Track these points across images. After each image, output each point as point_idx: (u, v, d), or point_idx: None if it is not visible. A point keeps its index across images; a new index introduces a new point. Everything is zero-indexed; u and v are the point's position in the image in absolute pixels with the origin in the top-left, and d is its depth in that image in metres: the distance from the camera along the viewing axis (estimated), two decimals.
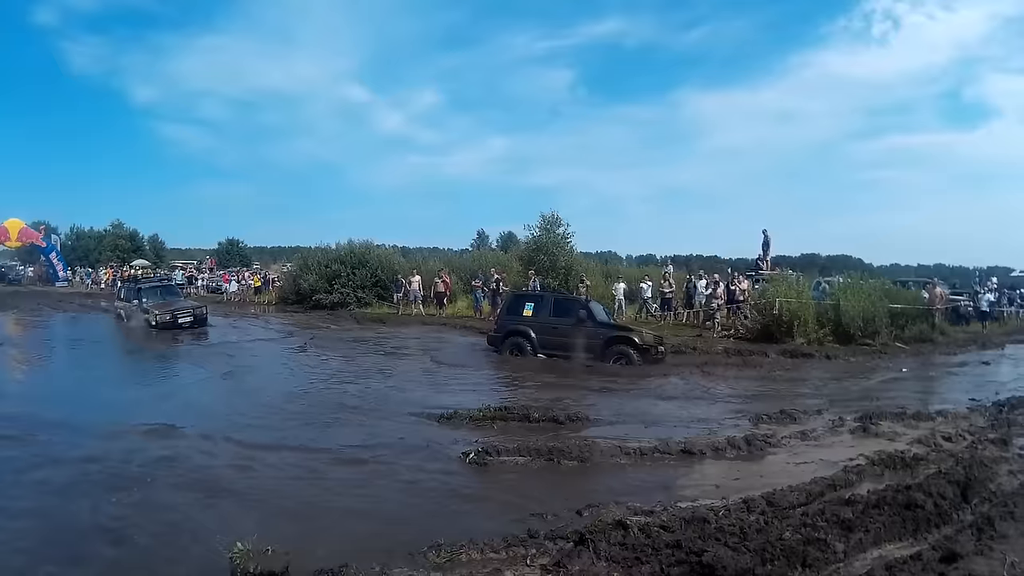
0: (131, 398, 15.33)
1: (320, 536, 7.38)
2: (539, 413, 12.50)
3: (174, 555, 7.02)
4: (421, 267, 37.76)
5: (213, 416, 12.84)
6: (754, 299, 25.50)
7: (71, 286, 57.27)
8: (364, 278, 37.81)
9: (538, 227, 32.91)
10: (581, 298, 22.79)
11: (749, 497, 7.76)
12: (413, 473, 9.76)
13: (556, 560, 6.33)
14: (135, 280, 38.81)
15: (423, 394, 15.42)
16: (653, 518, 7.12)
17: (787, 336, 22.89)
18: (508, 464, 9.88)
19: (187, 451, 10.55)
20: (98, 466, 9.78)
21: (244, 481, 9.39)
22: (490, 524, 7.53)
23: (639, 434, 11.35)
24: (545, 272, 30.88)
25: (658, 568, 6.03)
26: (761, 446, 10.55)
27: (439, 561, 6.47)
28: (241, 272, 52.95)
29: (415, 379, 17.87)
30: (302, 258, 43.39)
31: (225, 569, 6.44)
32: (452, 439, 11.30)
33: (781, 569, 5.97)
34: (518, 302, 22.05)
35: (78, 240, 75.13)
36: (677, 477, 9.25)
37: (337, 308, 36.79)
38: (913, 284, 28.77)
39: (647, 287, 30.23)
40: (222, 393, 15.67)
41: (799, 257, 61.57)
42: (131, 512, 8.06)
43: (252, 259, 76.46)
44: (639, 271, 36.65)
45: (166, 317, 28.75)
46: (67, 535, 7.51)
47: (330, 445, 11.29)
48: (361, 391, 15.92)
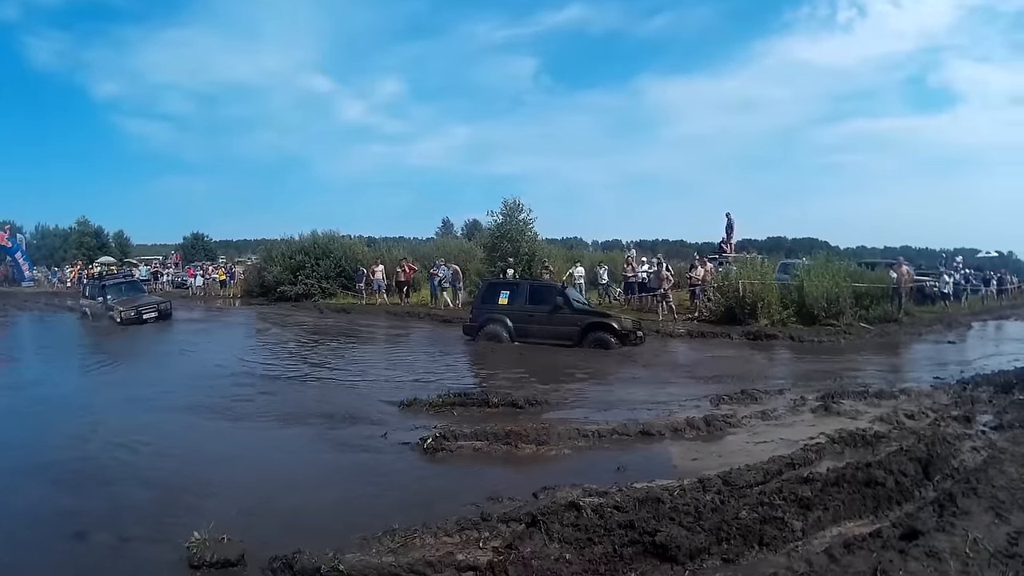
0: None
1: (275, 523, 7.37)
2: (498, 398, 12.53)
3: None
4: (385, 256, 37.78)
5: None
6: (717, 282, 25.43)
7: (37, 285, 56.86)
8: (328, 268, 37.89)
9: (500, 213, 32.72)
10: (557, 285, 22.68)
11: (705, 476, 7.72)
12: (369, 459, 9.81)
13: (508, 542, 6.31)
14: (100, 278, 38.16)
15: (385, 382, 15.44)
16: (607, 499, 7.08)
17: (751, 318, 22.98)
18: (465, 449, 9.86)
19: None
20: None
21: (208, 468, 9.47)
22: (445, 509, 7.48)
23: (598, 417, 11.36)
24: (507, 258, 30.69)
25: (611, 548, 6.03)
26: (721, 426, 10.54)
27: (393, 546, 6.44)
28: (206, 266, 52.59)
29: (378, 367, 17.85)
30: (266, 250, 43.35)
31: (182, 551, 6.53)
32: (411, 425, 11.33)
33: (737, 548, 5.98)
34: (493, 290, 21.92)
35: (44, 239, 74.74)
36: (634, 458, 9.18)
37: (301, 299, 36.94)
38: (878, 266, 28.88)
39: (603, 271, 30.25)
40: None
41: (765, 240, 61.90)
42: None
43: (218, 253, 76.08)
44: (599, 256, 36.55)
45: (131, 314, 29.05)
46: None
47: (286, 432, 11.35)
48: (323, 380, 15.95)
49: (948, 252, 39.43)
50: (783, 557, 5.90)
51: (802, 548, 6.04)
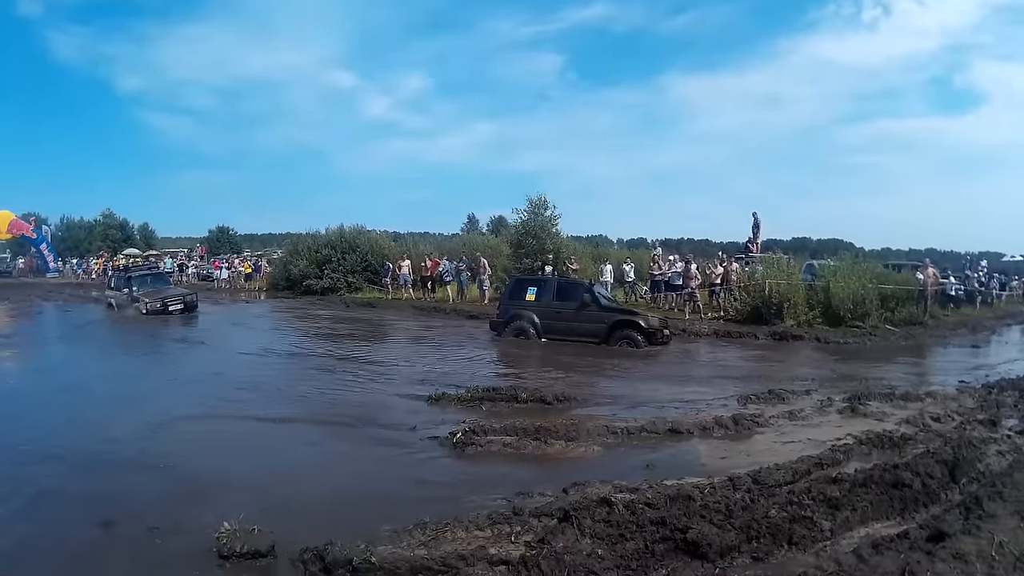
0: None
1: (302, 515, 7.36)
2: (527, 394, 12.48)
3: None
4: (411, 251, 37.54)
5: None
6: (744, 281, 25.33)
7: (62, 276, 57.15)
8: (354, 263, 37.85)
9: (525, 210, 32.64)
10: (585, 282, 22.53)
11: (735, 475, 7.73)
12: (399, 453, 9.79)
13: (540, 537, 6.29)
14: (125, 269, 38.80)
15: (412, 376, 15.38)
16: (638, 495, 7.08)
17: (776, 318, 22.84)
18: (495, 444, 9.82)
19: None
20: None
21: (237, 460, 9.45)
22: (475, 503, 7.51)
23: (627, 414, 11.38)
24: (533, 255, 30.73)
25: (643, 545, 6.02)
26: (749, 425, 10.54)
27: (424, 539, 6.42)
28: (231, 259, 52.76)
29: (406, 361, 17.86)
30: (292, 244, 43.44)
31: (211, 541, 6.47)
32: (439, 419, 11.31)
33: (767, 546, 5.98)
34: (521, 286, 21.80)
35: (68, 231, 74.82)
36: (663, 456, 9.19)
37: (327, 293, 36.88)
38: (904, 267, 28.66)
39: (629, 269, 30.00)
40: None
41: (790, 241, 61.64)
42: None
43: (243, 246, 75.91)
44: (625, 254, 36.40)
45: (156, 305, 28.88)
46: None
47: (316, 425, 11.33)
48: (352, 373, 15.93)
49: (972, 255, 39.05)
50: (812, 556, 5.90)
51: (830, 548, 6.04)
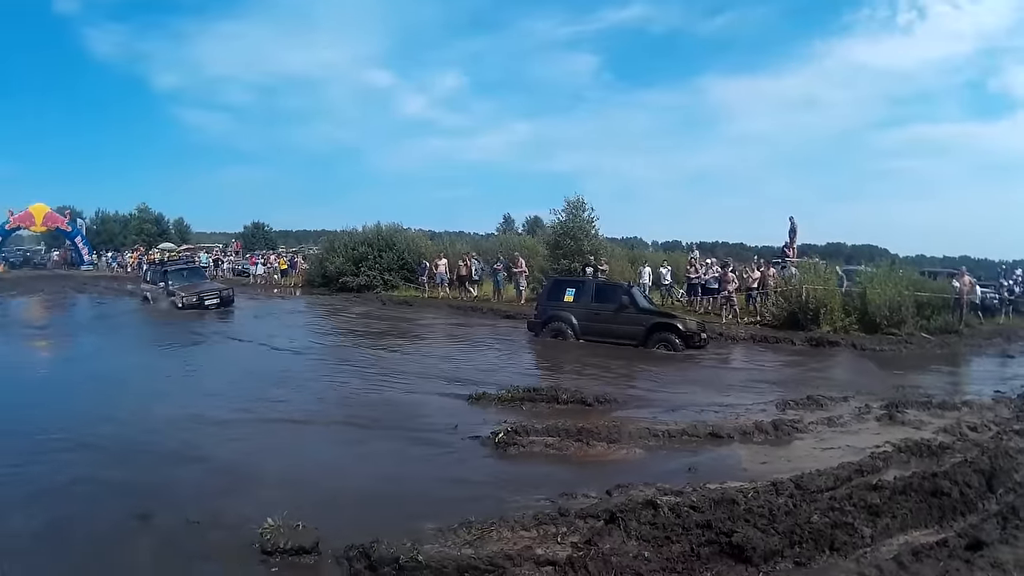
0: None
1: (347, 511, 7.44)
2: (567, 395, 12.52)
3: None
4: (448, 250, 37.56)
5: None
6: (780, 286, 25.16)
7: (96, 269, 57.96)
8: (391, 261, 37.72)
9: (563, 211, 32.35)
10: (624, 284, 22.45)
11: (778, 480, 7.78)
12: (441, 452, 9.88)
13: (587, 538, 6.33)
14: (162, 263, 38.94)
15: (451, 375, 15.48)
16: (683, 498, 7.14)
17: (813, 324, 22.67)
18: (537, 444, 9.85)
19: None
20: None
21: (277, 457, 9.52)
22: (519, 503, 7.55)
23: (667, 417, 11.44)
24: (571, 256, 30.51)
25: (688, 548, 6.07)
26: (788, 431, 10.58)
27: (469, 538, 6.47)
28: (267, 255, 53.10)
29: (444, 360, 17.90)
30: (328, 241, 43.42)
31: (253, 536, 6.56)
32: (480, 419, 11.43)
33: (809, 552, 6.03)
34: (559, 287, 21.73)
35: (103, 224, 75.35)
36: (704, 460, 9.26)
37: (363, 291, 36.81)
38: (940, 275, 28.39)
39: (666, 272, 29.91)
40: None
41: (825, 246, 61.30)
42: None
43: (278, 242, 75.99)
44: (662, 256, 36.26)
45: (192, 299, 29.07)
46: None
47: (358, 423, 11.41)
48: (391, 371, 15.99)
49: (1007, 263, 38.56)
50: (853, 563, 5.96)
51: (871, 554, 6.09)
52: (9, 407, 12.36)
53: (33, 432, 10.51)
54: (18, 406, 12.47)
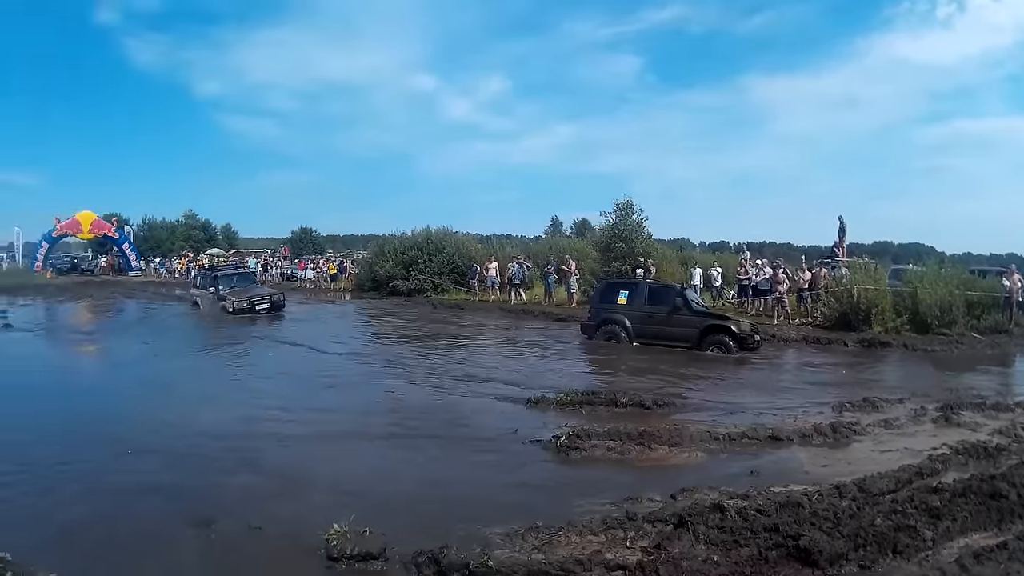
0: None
1: (411, 517, 7.42)
2: (626, 398, 12.54)
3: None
4: (498, 253, 37.49)
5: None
6: (831, 286, 24.89)
7: (144, 275, 58.96)
8: (441, 264, 37.85)
9: (613, 214, 32.39)
10: (677, 286, 22.55)
11: (841, 483, 7.75)
12: (503, 456, 9.88)
13: (656, 542, 6.35)
14: (211, 268, 39.42)
15: (506, 378, 15.55)
16: (749, 502, 7.17)
17: (864, 324, 22.46)
18: (599, 448, 9.87)
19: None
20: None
21: (333, 462, 9.62)
22: (584, 507, 7.55)
23: (726, 420, 11.42)
24: (622, 259, 30.48)
25: (756, 551, 6.11)
26: (846, 433, 10.54)
27: (537, 543, 6.48)
28: (316, 260, 53.38)
29: (498, 363, 18.02)
30: (378, 245, 43.63)
31: (318, 542, 6.59)
32: (541, 423, 11.44)
33: (873, 555, 6.04)
34: (612, 289, 21.67)
35: (150, 231, 76.15)
36: (765, 463, 9.27)
37: (414, 294, 36.88)
38: (989, 273, 28.02)
39: (717, 274, 29.85)
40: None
41: (872, 244, 60.58)
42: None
43: (325, 247, 76.55)
44: (712, 258, 36.06)
45: (243, 304, 29.33)
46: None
47: (415, 428, 11.46)
48: (446, 374, 16.10)
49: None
50: (915, 566, 5.95)
51: (932, 557, 6.08)
52: (64, 412, 12.60)
53: (88, 437, 10.76)
54: (71, 411, 12.72)
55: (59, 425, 11.47)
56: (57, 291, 44.70)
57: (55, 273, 57.04)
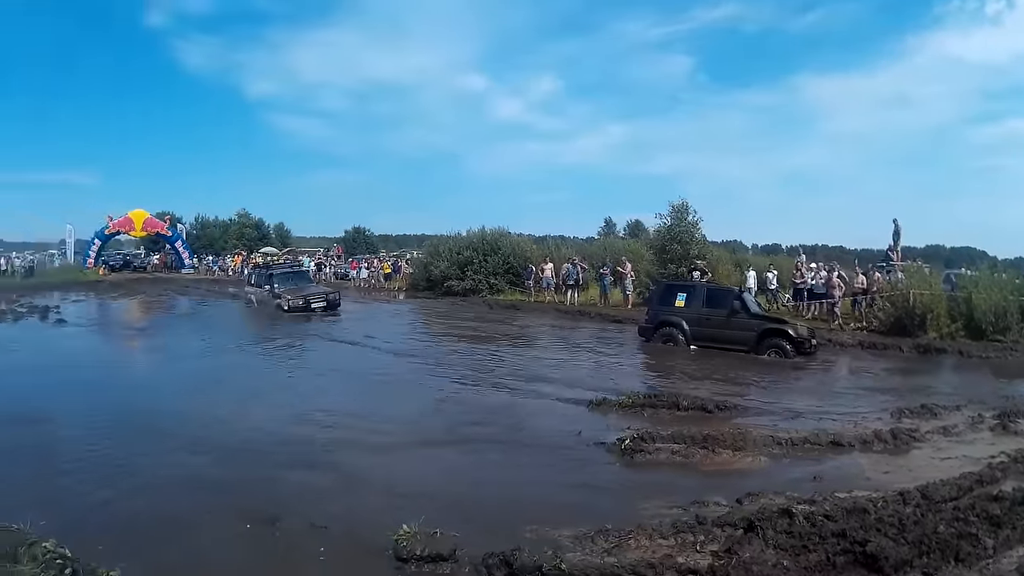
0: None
1: (478, 519, 7.41)
2: (688, 401, 12.58)
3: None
4: (553, 254, 37.52)
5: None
6: (887, 291, 24.62)
7: (197, 272, 59.85)
8: (496, 265, 37.88)
9: (668, 215, 32.45)
10: (735, 289, 22.51)
11: (904, 490, 7.76)
12: (569, 459, 9.88)
13: (726, 547, 6.38)
14: (266, 266, 39.39)
15: (566, 379, 15.59)
16: (816, 507, 7.18)
17: (919, 330, 22.15)
18: (663, 451, 9.90)
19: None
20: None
21: (395, 462, 9.75)
22: (651, 511, 7.59)
23: (787, 424, 11.46)
24: (678, 261, 30.54)
25: (824, 557, 6.11)
26: (906, 440, 10.51)
27: (607, 546, 6.49)
28: (371, 259, 53.82)
29: (557, 364, 18.08)
30: (433, 245, 43.75)
31: (386, 542, 6.60)
32: (603, 425, 11.54)
33: (936, 562, 6.01)
34: (670, 292, 21.56)
35: (203, 229, 77.32)
36: (827, 468, 9.26)
37: (469, 295, 36.96)
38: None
39: (772, 277, 29.50)
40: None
41: (924, 248, 59.63)
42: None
43: (378, 246, 76.93)
44: (767, 260, 35.90)
45: (298, 302, 29.43)
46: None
47: (478, 429, 11.58)
48: (506, 375, 16.30)
49: None
50: (976, 574, 5.94)
51: (993, 566, 6.06)
52: (119, 406, 12.89)
53: (143, 431, 11.02)
54: (127, 406, 13.00)
55: (113, 419, 11.75)
56: (110, 287, 45.60)
57: (107, 270, 58.15)
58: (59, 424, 11.60)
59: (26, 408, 12.49)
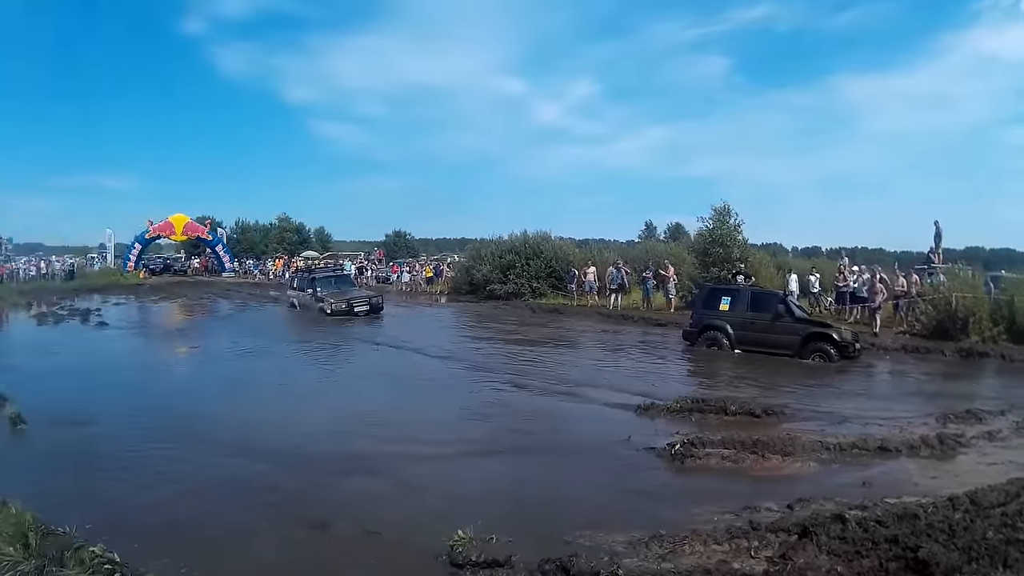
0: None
1: (533, 524, 7.43)
2: (736, 406, 12.58)
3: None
4: (596, 258, 37.44)
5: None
6: (929, 294, 24.31)
7: (237, 276, 60.36)
8: (539, 269, 37.77)
9: (710, 219, 32.19)
10: (779, 292, 22.47)
11: (954, 495, 7.68)
12: (619, 464, 9.93)
13: (781, 552, 6.43)
14: (308, 270, 40.17)
15: (611, 384, 15.66)
16: (868, 512, 7.20)
17: (962, 333, 21.86)
18: (713, 456, 9.93)
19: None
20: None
21: (444, 468, 9.80)
22: (704, 515, 7.66)
23: (834, 429, 11.43)
24: (720, 264, 30.35)
25: (877, 563, 6.12)
26: (952, 445, 10.51)
27: (662, 552, 6.54)
28: (412, 263, 53.86)
29: (602, 368, 18.20)
30: (475, 249, 43.84)
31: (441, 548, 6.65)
32: (652, 430, 11.56)
33: (985, 568, 5.99)
34: (715, 296, 21.42)
35: (243, 233, 77.43)
36: (876, 474, 9.26)
37: (511, 298, 36.82)
38: None
39: (815, 280, 29.18)
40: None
41: (963, 250, 58.94)
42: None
43: (419, 251, 76.71)
44: (809, 263, 35.67)
45: (341, 306, 29.59)
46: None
47: (531, 436, 11.57)
48: (552, 379, 16.36)
49: None
50: None
51: None
52: (167, 410, 13.12)
53: (198, 437, 11.17)
54: (179, 410, 13.20)
55: (163, 423, 12.00)
56: (151, 291, 46.26)
57: (147, 273, 59.22)
58: (107, 426, 11.91)
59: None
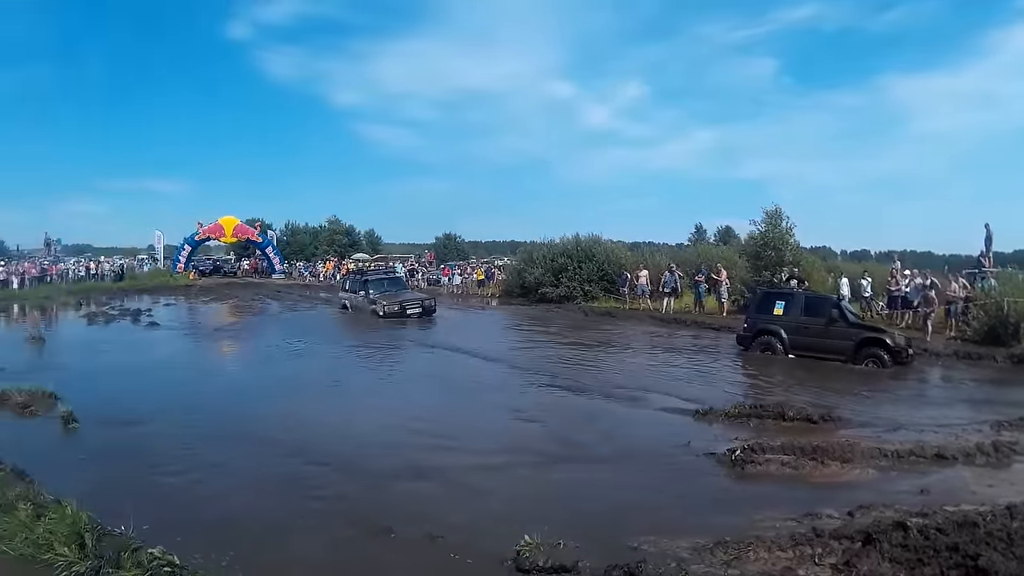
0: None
1: (596, 529, 7.46)
2: (793, 412, 12.57)
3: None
4: (648, 261, 37.42)
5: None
6: (981, 299, 23.80)
7: (288, 278, 61.15)
8: (591, 272, 37.67)
9: (762, 222, 31.92)
10: (833, 297, 22.18)
11: (1012, 504, 7.67)
12: (680, 469, 10.01)
13: (844, 560, 6.49)
14: (360, 272, 40.36)
15: (666, 388, 15.75)
16: (929, 520, 7.21)
17: (1013, 339, 21.40)
18: (772, 462, 9.99)
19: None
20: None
21: (503, 472, 9.87)
22: (766, 522, 7.73)
23: (890, 436, 11.43)
24: (772, 268, 30.28)
25: (938, 571, 6.21)
26: (1007, 453, 10.50)
27: (727, 558, 6.60)
28: (464, 266, 54.17)
29: (656, 372, 18.29)
30: (526, 252, 43.71)
31: (507, 553, 6.72)
32: (711, 435, 11.68)
33: None
34: (769, 300, 21.33)
35: (293, 235, 78.10)
36: (933, 481, 9.30)
37: (563, 301, 36.79)
38: None
39: (867, 284, 28.89)
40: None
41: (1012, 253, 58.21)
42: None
43: (469, 253, 76.62)
44: (861, 267, 35.45)
45: (394, 308, 29.89)
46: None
47: (590, 441, 11.65)
48: (608, 383, 16.35)
49: None
50: None
51: None
52: (224, 413, 13.50)
53: (245, 437, 11.50)
54: (232, 411, 13.67)
55: (218, 426, 12.36)
56: (200, 292, 47.34)
57: (197, 275, 60.33)
58: (160, 425, 12.32)
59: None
